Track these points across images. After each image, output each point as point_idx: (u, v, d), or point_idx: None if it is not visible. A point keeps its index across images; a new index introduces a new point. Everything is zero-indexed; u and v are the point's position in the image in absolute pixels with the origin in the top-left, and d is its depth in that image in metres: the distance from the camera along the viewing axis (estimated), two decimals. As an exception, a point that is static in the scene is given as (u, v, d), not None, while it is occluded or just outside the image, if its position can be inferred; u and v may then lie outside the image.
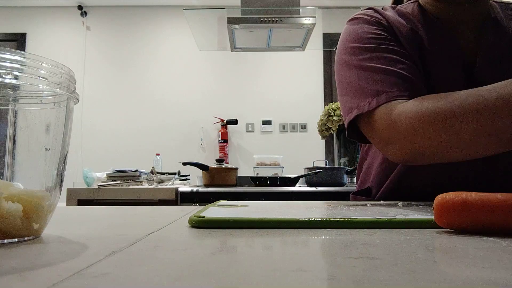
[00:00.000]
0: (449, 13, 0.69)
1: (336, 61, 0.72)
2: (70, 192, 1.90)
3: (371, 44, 0.65)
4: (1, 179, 0.30)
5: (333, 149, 2.95)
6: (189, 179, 2.33)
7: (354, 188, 1.07)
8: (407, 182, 0.70)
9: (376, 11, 0.72)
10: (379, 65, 0.62)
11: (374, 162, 0.79)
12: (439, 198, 0.35)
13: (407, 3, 0.76)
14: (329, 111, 2.34)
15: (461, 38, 0.68)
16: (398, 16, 0.71)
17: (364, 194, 0.81)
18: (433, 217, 0.35)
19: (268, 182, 2.03)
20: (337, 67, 0.71)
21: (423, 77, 0.65)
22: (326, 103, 3.00)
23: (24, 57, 0.30)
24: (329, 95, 3.07)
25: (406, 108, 0.56)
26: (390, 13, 0.71)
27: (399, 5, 0.76)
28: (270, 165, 2.48)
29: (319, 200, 0.87)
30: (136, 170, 2.20)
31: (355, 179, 1.73)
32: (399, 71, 0.61)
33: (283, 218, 0.38)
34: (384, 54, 0.64)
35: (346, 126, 0.67)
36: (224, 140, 2.95)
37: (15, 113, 0.33)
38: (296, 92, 3.10)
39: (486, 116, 0.49)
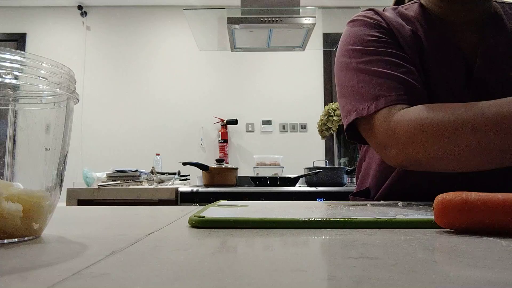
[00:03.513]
0: (452, 12, 0.69)
1: (335, 63, 0.71)
2: (70, 192, 1.90)
3: (370, 47, 0.65)
4: (1, 179, 0.30)
5: (333, 149, 2.95)
6: (189, 179, 2.33)
7: (354, 188, 1.07)
8: (406, 183, 0.70)
9: (376, 12, 0.71)
10: (378, 69, 0.62)
11: (373, 163, 0.78)
12: (439, 198, 0.35)
13: (408, 3, 0.76)
14: (329, 111, 2.34)
15: (462, 38, 0.68)
16: (399, 18, 0.70)
17: (363, 195, 0.81)
18: (433, 217, 0.35)
19: (268, 182, 2.03)
20: (337, 69, 0.71)
21: (423, 80, 0.64)
22: (326, 103, 3.00)
23: (24, 57, 0.29)
24: (329, 95, 3.07)
25: (405, 115, 0.56)
26: (390, 15, 0.71)
27: (400, 6, 0.76)
28: (270, 165, 2.48)
29: (319, 200, 0.87)
30: (136, 170, 2.20)
31: (355, 179, 1.73)
32: (399, 75, 0.61)
33: (283, 218, 0.38)
34: (383, 57, 0.63)
35: (345, 129, 0.67)
36: (224, 140, 2.95)
37: (15, 113, 0.33)
38: (296, 92, 3.10)
39: (483, 131, 0.49)
